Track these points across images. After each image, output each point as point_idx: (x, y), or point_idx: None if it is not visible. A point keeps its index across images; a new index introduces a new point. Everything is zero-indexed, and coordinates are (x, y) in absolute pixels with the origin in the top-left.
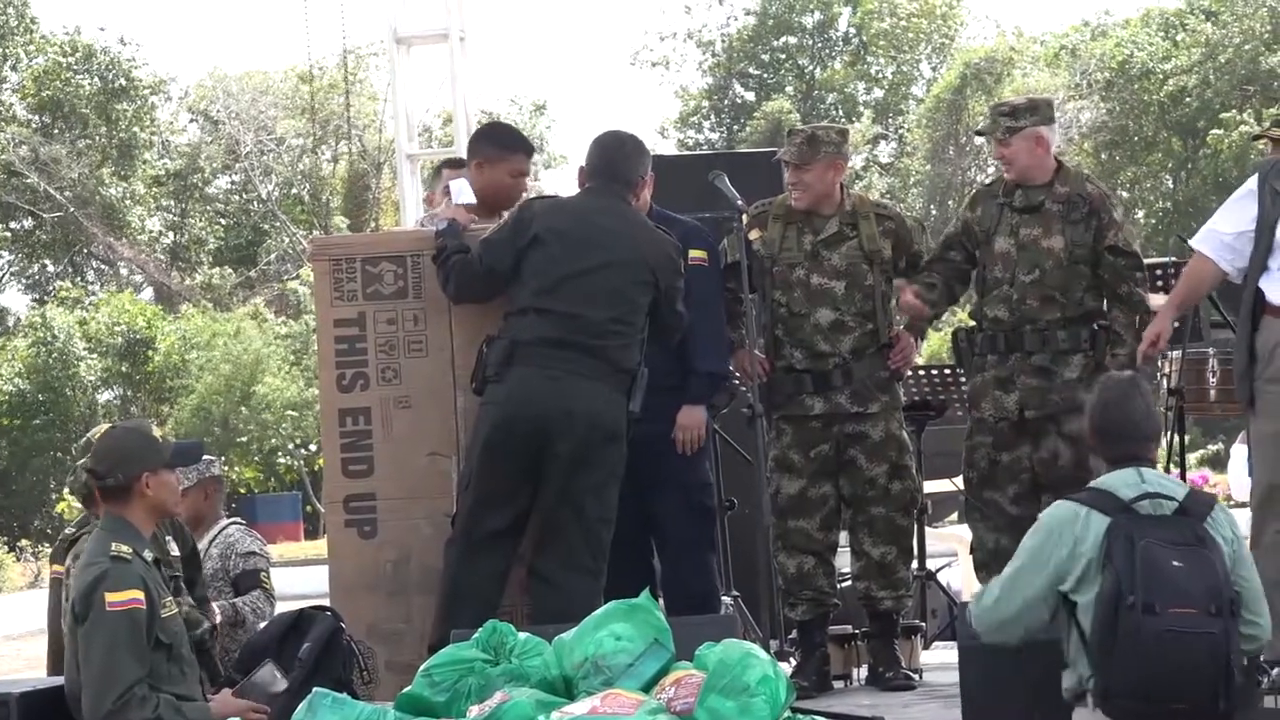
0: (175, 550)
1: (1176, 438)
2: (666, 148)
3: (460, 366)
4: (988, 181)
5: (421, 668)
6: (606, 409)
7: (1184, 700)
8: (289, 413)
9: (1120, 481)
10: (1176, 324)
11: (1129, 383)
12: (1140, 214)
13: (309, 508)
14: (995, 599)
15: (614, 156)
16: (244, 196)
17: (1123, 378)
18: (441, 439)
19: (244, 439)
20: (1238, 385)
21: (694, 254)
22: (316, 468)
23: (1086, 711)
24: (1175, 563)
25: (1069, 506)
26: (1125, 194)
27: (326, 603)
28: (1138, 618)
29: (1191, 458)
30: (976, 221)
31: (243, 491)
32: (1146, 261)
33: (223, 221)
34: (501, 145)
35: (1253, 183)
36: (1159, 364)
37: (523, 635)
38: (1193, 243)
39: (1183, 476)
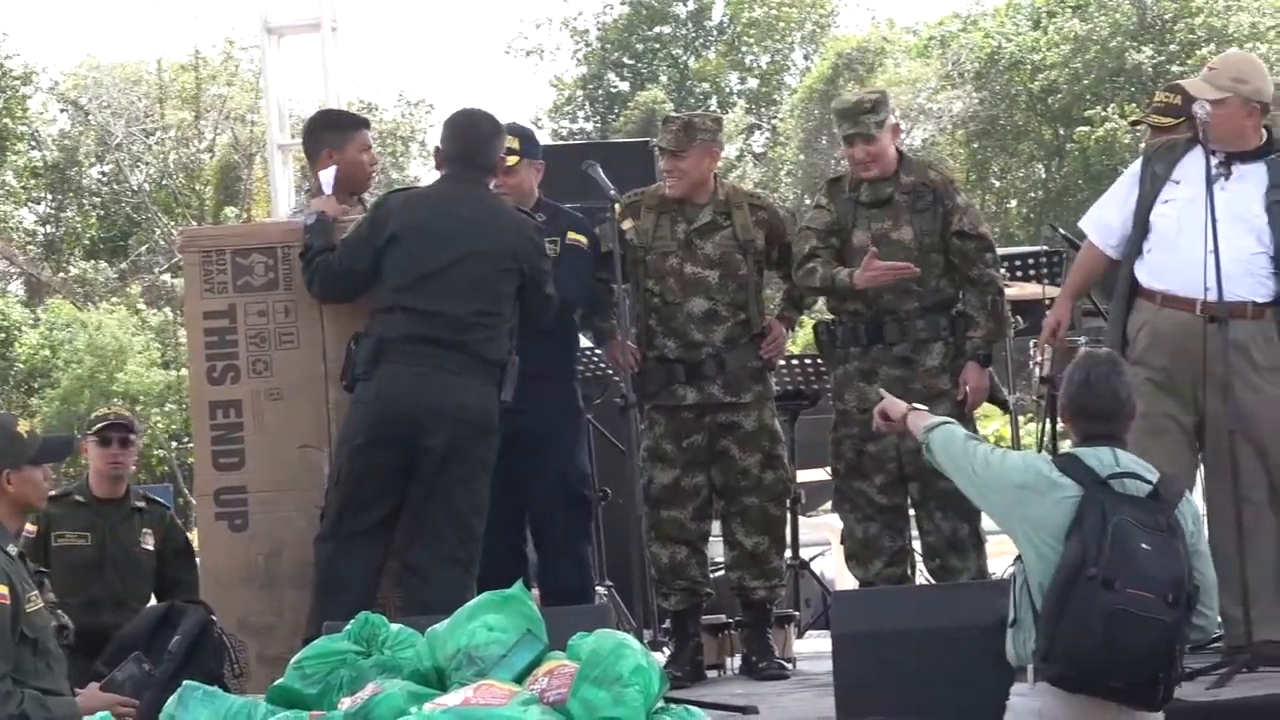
0: (150, 545)
1: (1049, 426)
2: (541, 138)
3: (332, 359)
4: (832, 177)
5: (293, 660)
6: (476, 403)
7: (1122, 680)
8: (167, 407)
9: (1094, 456)
10: (1048, 313)
11: (1110, 361)
12: (1012, 203)
13: (180, 500)
14: (972, 470)
15: (469, 140)
16: (116, 188)
17: (1104, 356)
18: (313, 431)
19: None
20: None
21: (572, 235)
22: (188, 461)
23: (1026, 686)
24: (1144, 545)
25: (1043, 461)
26: (997, 183)
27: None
28: (1095, 590)
29: (1064, 445)
30: (830, 216)
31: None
32: (1017, 250)
33: (97, 214)
34: (341, 127)
35: (1136, 166)
36: (1031, 353)
37: (395, 627)
38: (1082, 225)
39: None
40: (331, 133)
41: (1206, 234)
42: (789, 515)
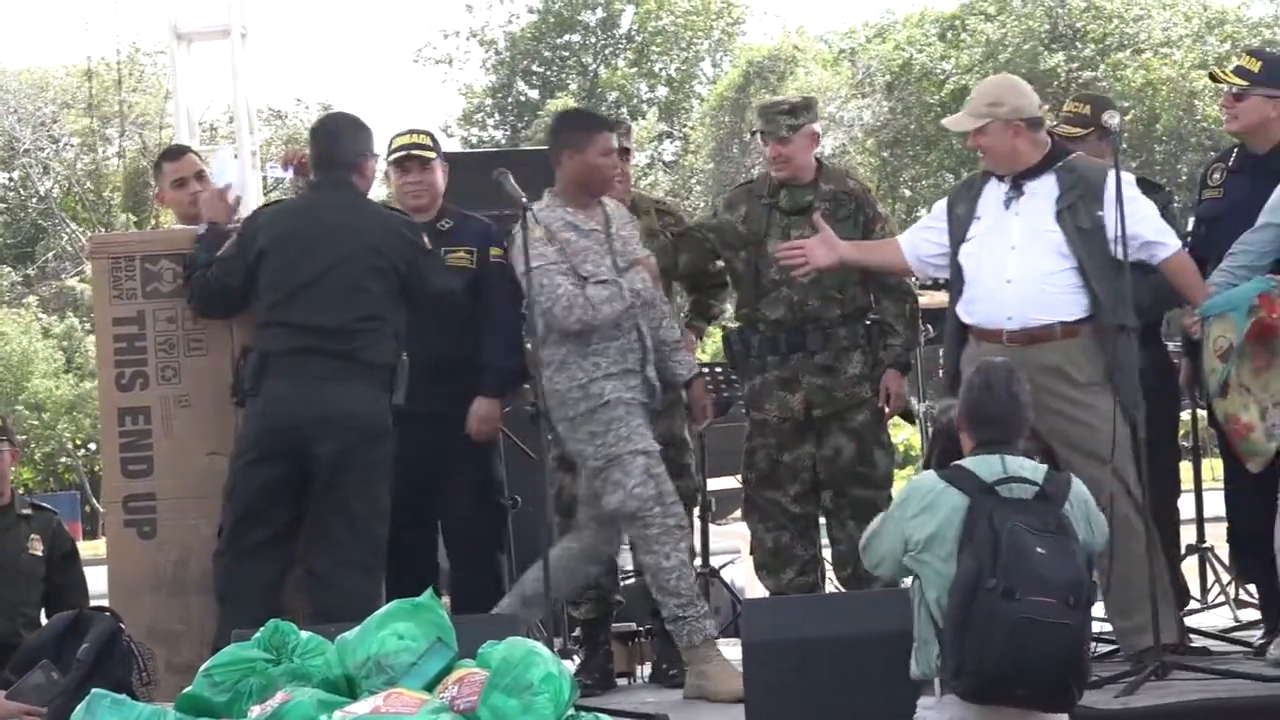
0: (38, 551)
1: None
2: (451, 146)
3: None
4: (745, 182)
5: (202, 668)
6: (364, 409)
7: (1031, 687)
8: (74, 414)
9: (982, 464)
10: None
11: (1009, 369)
12: (921, 211)
13: (87, 507)
14: (865, 543)
15: (328, 143)
16: (22, 193)
17: (1000, 364)
18: (222, 439)
19: (23, 437)
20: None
21: (495, 252)
22: (96, 468)
23: (933, 700)
24: (1039, 549)
25: (930, 476)
26: (907, 192)
27: (106, 603)
28: (996, 601)
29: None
30: (741, 223)
31: (21, 492)
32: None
33: (4, 220)
34: (585, 129)
35: (941, 206)
36: (940, 361)
37: (304, 634)
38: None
39: None
40: (572, 134)
41: (1001, 263)
42: (699, 523)
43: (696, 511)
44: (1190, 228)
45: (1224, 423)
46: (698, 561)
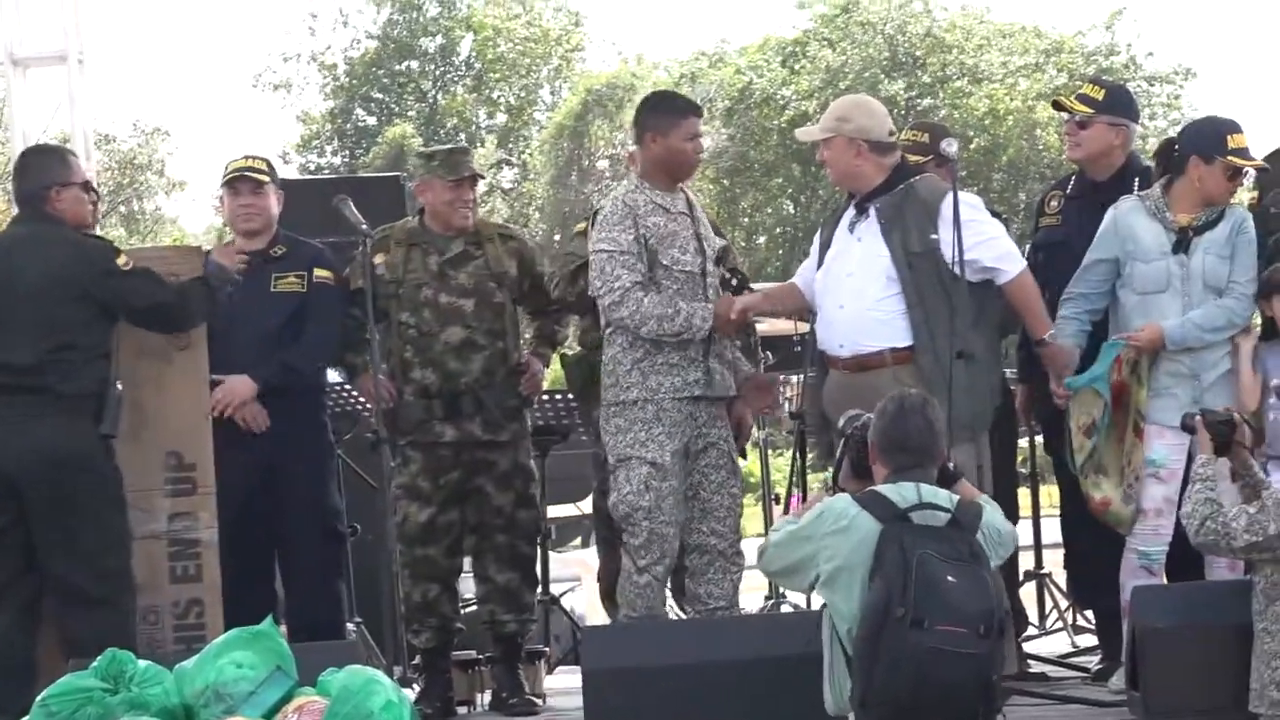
0: None
1: (798, 461)
2: (289, 172)
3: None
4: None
5: (39, 698)
6: (66, 441)
7: (941, 717)
8: None
9: (895, 491)
10: (798, 348)
11: (922, 396)
12: (761, 239)
13: None
14: (771, 552)
15: (17, 179)
16: None
17: (915, 392)
18: None
19: None
20: (817, 431)
21: (319, 273)
22: None
23: None
24: (950, 578)
25: (844, 499)
26: (746, 220)
27: None
28: (905, 630)
29: (814, 480)
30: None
31: None
32: (768, 286)
33: None
34: (671, 111)
35: (817, 235)
36: (780, 386)
37: (142, 663)
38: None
39: (803, 496)
40: (657, 116)
41: (837, 289)
42: (539, 551)
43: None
44: (1026, 255)
45: (1085, 500)
46: (539, 589)
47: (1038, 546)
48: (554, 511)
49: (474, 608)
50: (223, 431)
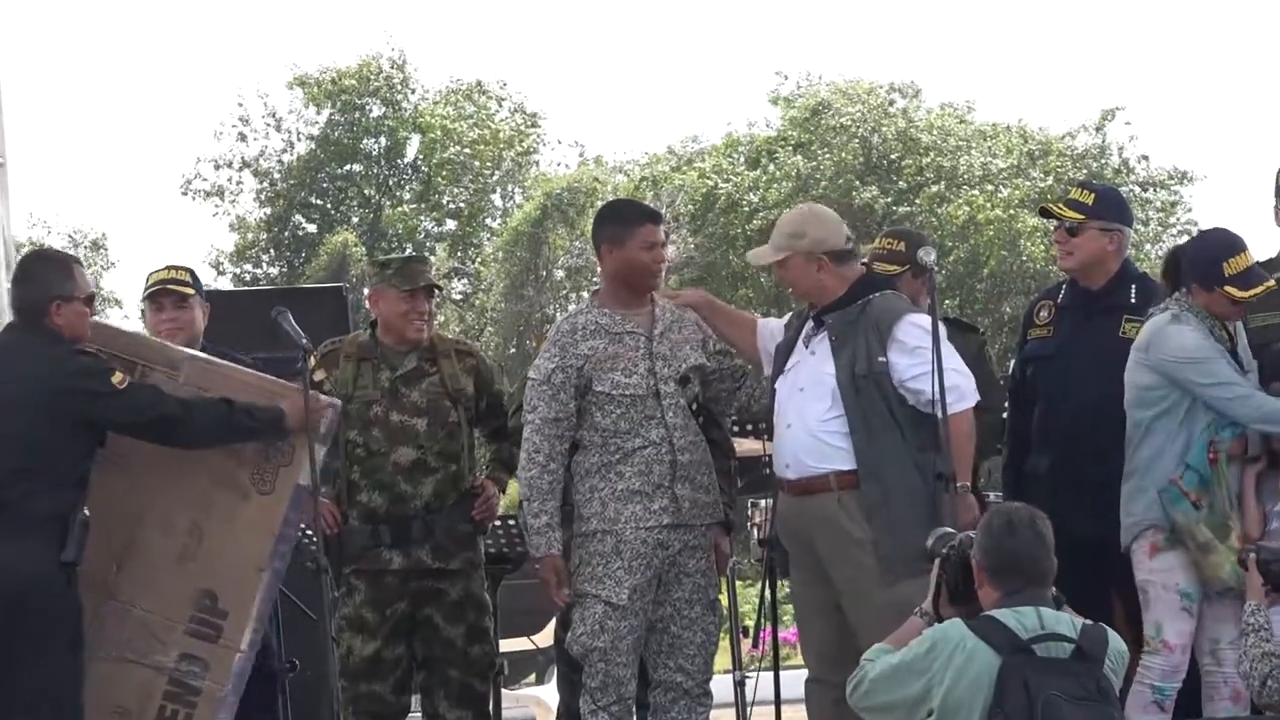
0: None
1: (769, 593)
2: (224, 283)
3: (149, 498)
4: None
5: None
6: (24, 567)
7: None
8: None
9: (1015, 617)
10: (767, 470)
11: (1029, 508)
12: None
13: None
14: (869, 686)
15: (15, 287)
16: None
17: (1016, 507)
18: (97, 563)
19: None
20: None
21: None
22: None
23: None
24: None
25: (958, 628)
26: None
27: None
28: None
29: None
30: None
31: None
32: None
33: None
34: (624, 221)
35: (779, 324)
36: (749, 513)
37: None
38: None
39: (774, 633)
40: (612, 226)
41: (786, 406)
42: (492, 688)
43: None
44: (1012, 369)
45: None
46: None
47: None
48: (507, 645)
49: None
50: None
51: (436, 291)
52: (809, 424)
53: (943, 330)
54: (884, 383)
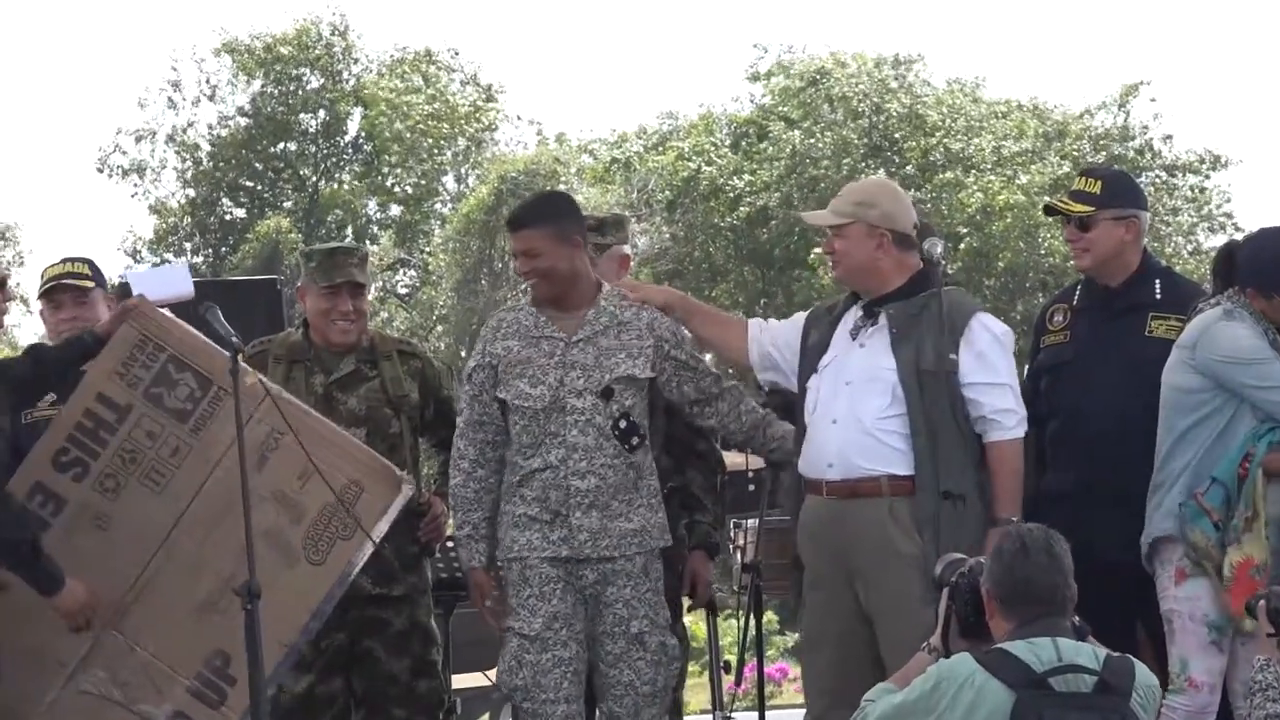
0: None
1: (753, 624)
2: None
3: (182, 530)
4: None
5: None
6: None
7: None
8: None
9: (1030, 649)
10: (752, 487)
11: (1045, 530)
12: (708, 356)
13: None
14: None
15: None
16: None
17: (1029, 529)
18: (110, 584)
19: None
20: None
21: None
22: None
23: None
24: None
25: (967, 664)
26: (688, 333)
27: None
28: None
29: (776, 642)
30: None
31: None
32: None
33: None
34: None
35: (800, 319)
36: (731, 533)
37: None
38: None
39: (759, 669)
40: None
41: (831, 401)
42: None
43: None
44: (1025, 383)
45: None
46: None
47: None
48: (460, 681)
49: None
50: None
51: (360, 289)
52: (863, 421)
53: (1011, 336)
54: (952, 383)
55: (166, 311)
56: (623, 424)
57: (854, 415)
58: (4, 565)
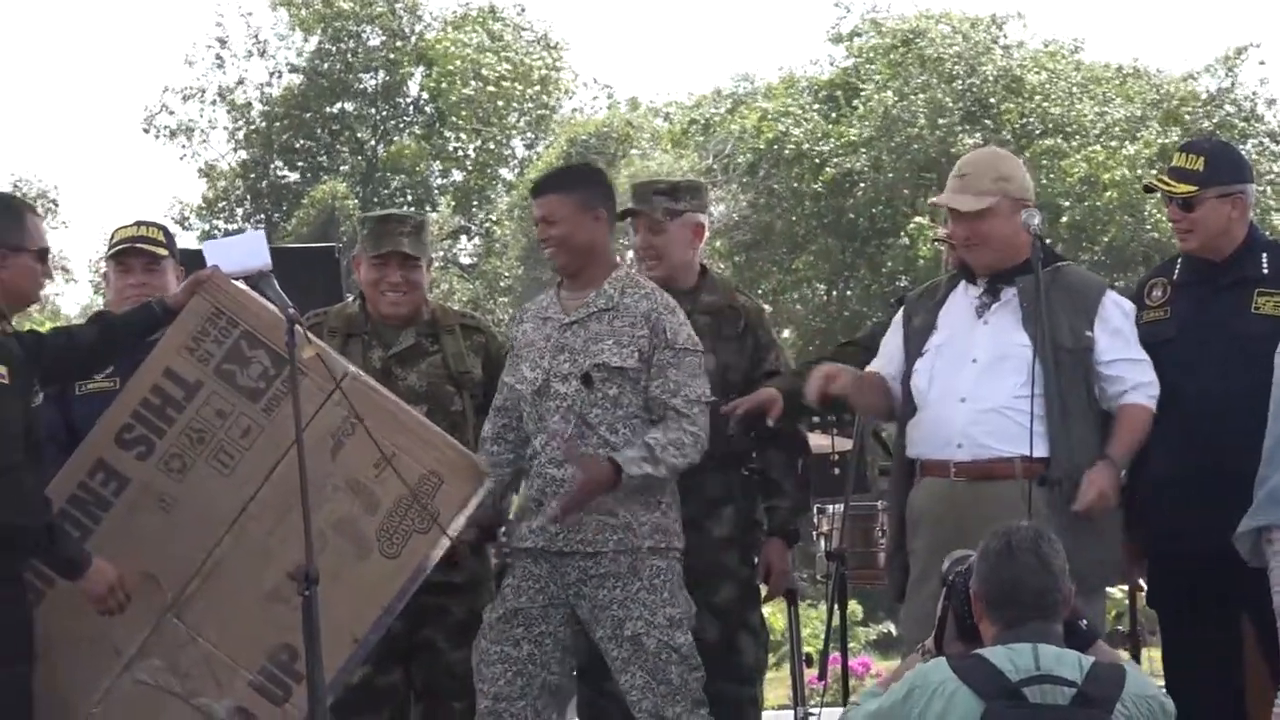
0: None
1: (837, 613)
2: (190, 241)
3: (251, 515)
4: None
5: None
6: None
7: None
8: None
9: (1006, 656)
10: (836, 470)
11: (1035, 529)
12: (787, 333)
13: None
14: None
15: None
16: None
17: (1018, 527)
18: (169, 567)
19: None
20: (888, 563)
21: None
22: None
23: None
24: None
25: (940, 670)
26: (767, 307)
27: None
28: None
29: (858, 635)
30: None
31: None
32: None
33: None
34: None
35: (899, 314)
36: (815, 520)
37: None
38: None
39: (843, 660)
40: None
41: (955, 379)
42: None
43: None
44: None
45: None
46: None
47: None
48: None
49: None
50: None
51: (410, 260)
52: (996, 399)
53: (1131, 311)
54: (1088, 361)
55: (241, 284)
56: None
57: (985, 394)
58: (21, 553)
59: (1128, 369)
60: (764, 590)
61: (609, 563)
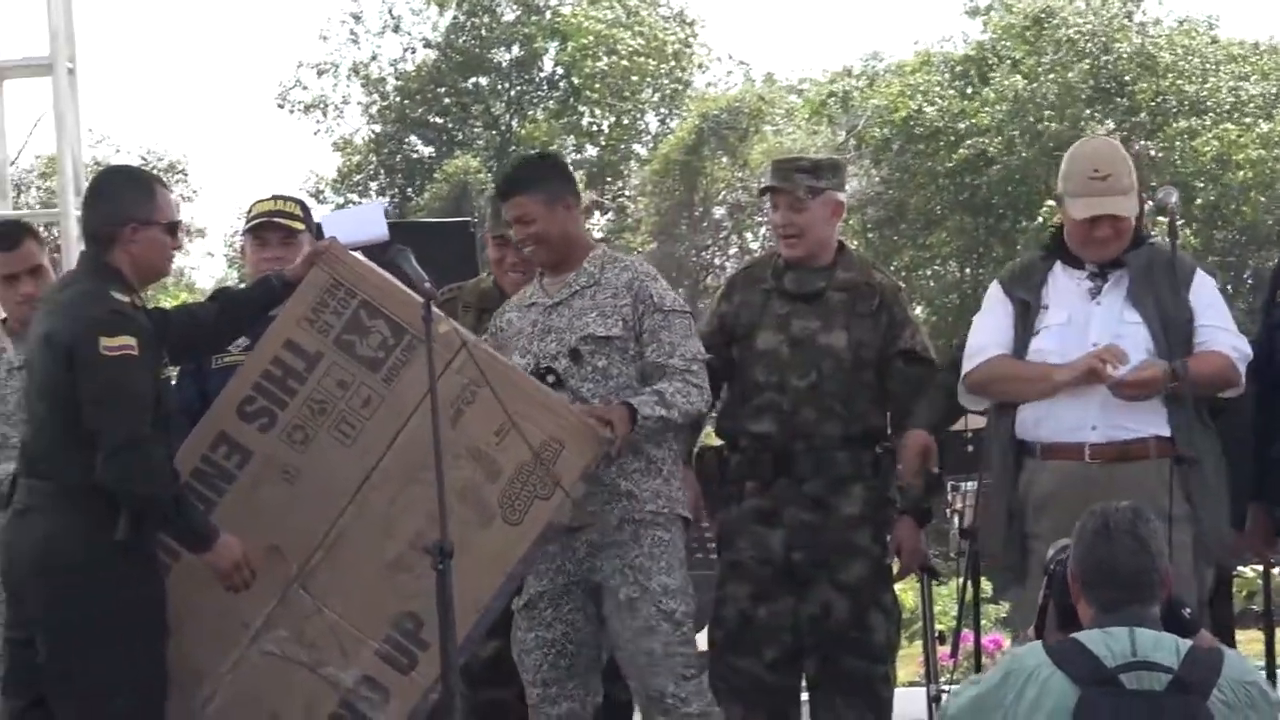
0: None
1: (970, 591)
2: (325, 214)
3: (373, 485)
4: (747, 264)
5: None
6: (63, 546)
7: None
8: None
9: (1103, 641)
10: (970, 448)
11: (1134, 509)
12: (920, 309)
13: None
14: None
15: (88, 204)
16: None
17: (1121, 505)
18: (294, 539)
19: None
20: (1000, 548)
21: None
22: None
23: None
24: None
25: (1035, 655)
26: (901, 284)
27: None
28: None
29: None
30: (734, 314)
31: None
32: None
33: None
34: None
35: (997, 291)
36: (948, 497)
37: None
38: (970, 358)
39: (976, 637)
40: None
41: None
42: None
43: None
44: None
45: None
46: None
47: None
48: None
49: None
50: None
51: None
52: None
53: (1216, 288)
54: (1189, 337)
55: (359, 255)
56: (548, 378)
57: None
58: (150, 526)
59: (1219, 335)
60: (895, 568)
61: (614, 533)
